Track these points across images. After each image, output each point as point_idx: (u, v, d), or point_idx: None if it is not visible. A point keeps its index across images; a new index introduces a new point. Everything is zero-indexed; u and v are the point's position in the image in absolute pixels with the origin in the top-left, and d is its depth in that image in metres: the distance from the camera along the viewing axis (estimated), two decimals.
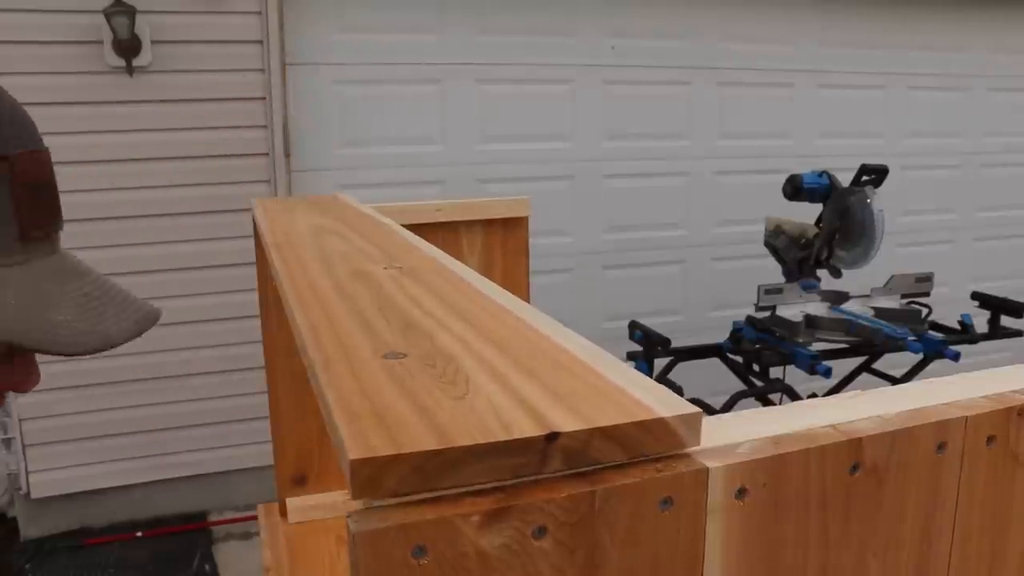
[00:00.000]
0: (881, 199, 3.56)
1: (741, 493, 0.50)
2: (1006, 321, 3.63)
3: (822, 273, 3.69)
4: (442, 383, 0.53)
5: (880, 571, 0.56)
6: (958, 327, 3.50)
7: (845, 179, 3.68)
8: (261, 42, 3.47)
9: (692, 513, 0.47)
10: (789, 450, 0.51)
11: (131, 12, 3.21)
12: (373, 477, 0.42)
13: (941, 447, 0.56)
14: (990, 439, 0.58)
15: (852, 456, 0.53)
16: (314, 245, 1.06)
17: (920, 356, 3.29)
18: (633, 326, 3.48)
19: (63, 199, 0.71)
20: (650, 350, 3.39)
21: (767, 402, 3.42)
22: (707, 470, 0.48)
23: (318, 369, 0.56)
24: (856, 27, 4.51)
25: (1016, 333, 3.62)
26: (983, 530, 0.60)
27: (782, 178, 3.71)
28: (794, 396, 3.38)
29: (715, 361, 3.62)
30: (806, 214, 3.74)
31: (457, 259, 0.97)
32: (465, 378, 0.54)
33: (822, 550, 0.53)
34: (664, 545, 0.47)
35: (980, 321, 3.61)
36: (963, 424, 0.57)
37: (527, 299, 1.78)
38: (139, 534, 3.61)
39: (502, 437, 0.44)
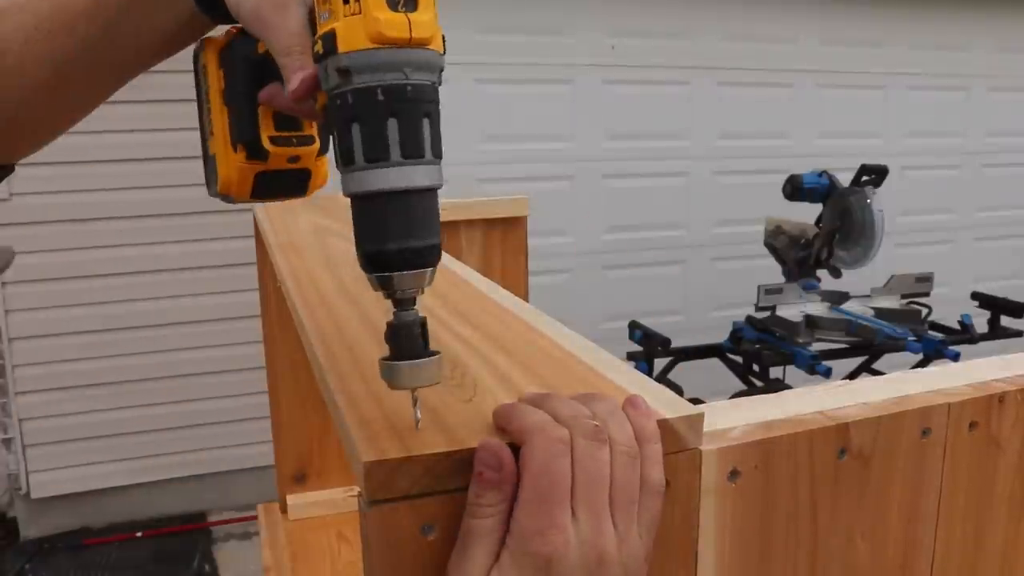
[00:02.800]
0: (881, 199, 3.56)
1: (734, 475, 0.52)
2: (1006, 321, 3.64)
3: (822, 273, 3.70)
4: (450, 386, 0.54)
5: (868, 552, 0.58)
6: (958, 327, 3.51)
7: (845, 179, 3.68)
8: None
9: (686, 494, 0.49)
10: (779, 434, 0.53)
11: None
12: (386, 479, 0.43)
13: (925, 433, 0.58)
14: (972, 425, 0.60)
15: (839, 441, 0.55)
16: (317, 247, 1.06)
17: (920, 356, 3.30)
18: (633, 326, 3.48)
19: (64, 199, 0.69)
20: (650, 350, 3.39)
21: None
22: (700, 453, 0.50)
23: (328, 375, 0.56)
24: (856, 26, 4.52)
25: (1016, 333, 3.62)
26: (966, 513, 0.62)
27: (782, 178, 3.71)
28: None
29: (715, 361, 3.62)
30: (806, 214, 3.75)
31: (456, 258, 0.98)
32: (472, 381, 0.55)
33: (812, 531, 0.56)
34: (660, 525, 0.48)
35: (980, 321, 3.62)
36: (946, 411, 0.59)
37: (526, 299, 1.78)
38: (139, 534, 3.61)
39: (509, 439, 0.45)
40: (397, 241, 0.45)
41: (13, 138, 0.62)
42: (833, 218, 3.62)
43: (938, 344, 3.28)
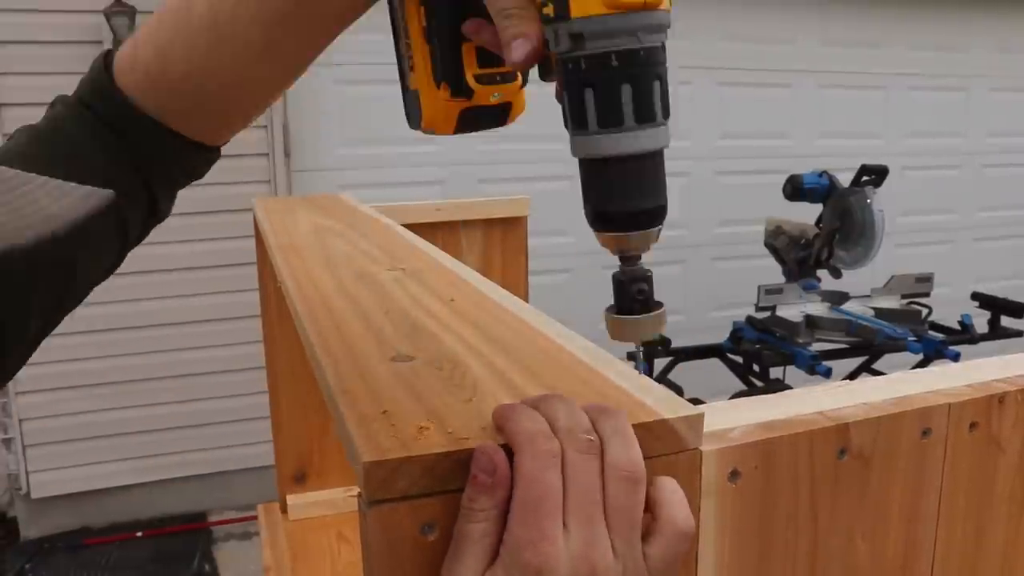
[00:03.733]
0: (881, 199, 3.56)
1: (734, 476, 0.52)
2: (1006, 321, 3.64)
3: (822, 273, 3.70)
4: (450, 386, 0.54)
5: (868, 553, 0.58)
6: (958, 327, 3.51)
7: (845, 179, 3.68)
8: None
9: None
10: (779, 435, 0.53)
11: (131, 12, 3.21)
12: (386, 479, 0.43)
13: (925, 433, 0.58)
14: (973, 425, 0.60)
15: (840, 441, 0.55)
16: (318, 247, 1.06)
17: (920, 356, 3.30)
18: None
19: None
20: (650, 350, 3.39)
21: None
22: (700, 453, 0.50)
23: (328, 375, 0.56)
24: (856, 26, 4.52)
25: (1016, 333, 3.62)
26: (967, 514, 0.62)
27: (782, 178, 3.71)
28: None
29: (715, 361, 3.62)
30: (806, 214, 3.75)
31: (456, 259, 0.98)
32: (472, 381, 0.55)
33: (812, 532, 0.55)
34: None
35: (980, 321, 3.62)
36: (946, 411, 0.59)
37: (526, 299, 1.78)
38: (139, 534, 3.61)
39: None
40: (628, 204, 0.46)
41: (227, 112, 0.60)
42: (833, 218, 3.62)
43: (938, 344, 3.28)
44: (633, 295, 0.49)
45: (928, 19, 4.64)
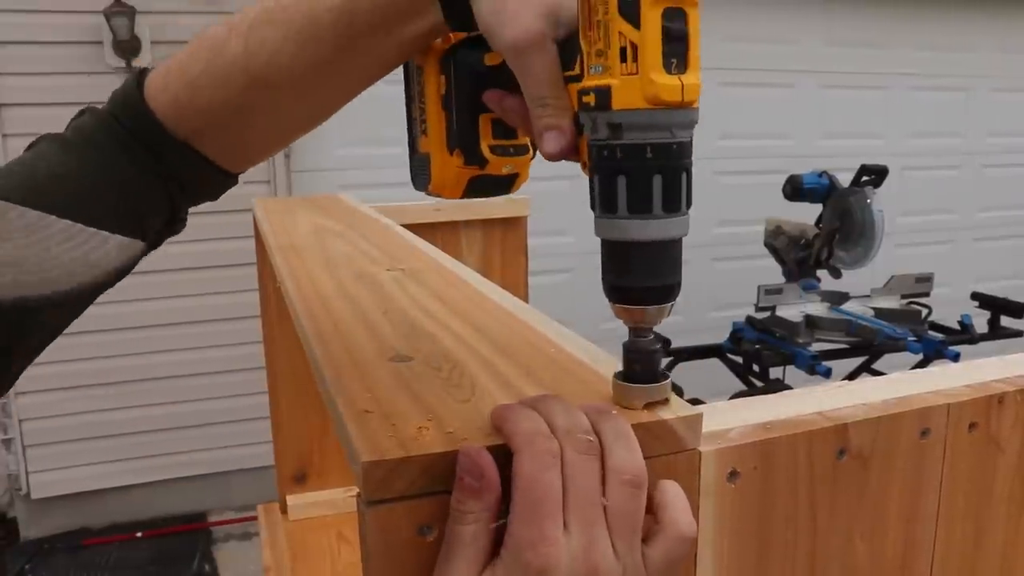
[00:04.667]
0: (881, 199, 3.56)
1: (733, 476, 0.52)
2: (1006, 321, 3.64)
3: (822, 273, 3.70)
4: (448, 386, 0.54)
5: (867, 554, 0.58)
6: (958, 327, 3.51)
7: (845, 179, 3.68)
8: None
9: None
10: (778, 435, 0.53)
11: (131, 12, 3.21)
12: (384, 479, 0.43)
13: (924, 433, 0.58)
14: (972, 426, 0.60)
15: (839, 442, 0.55)
16: (317, 247, 1.06)
17: (920, 356, 3.30)
18: None
19: None
20: None
21: None
22: (699, 454, 0.50)
23: (326, 375, 0.56)
24: (858, 27, 4.52)
25: (1016, 333, 3.62)
26: (966, 514, 0.62)
27: (782, 178, 3.71)
28: None
29: (715, 361, 3.62)
30: (806, 214, 3.75)
31: (456, 259, 0.98)
32: (471, 381, 0.55)
33: (811, 533, 0.55)
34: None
35: (980, 322, 3.61)
36: (945, 411, 0.59)
37: (526, 299, 1.78)
38: (139, 534, 3.61)
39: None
40: (646, 281, 0.49)
41: (250, 145, 0.62)
42: (833, 218, 3.62)
43: (938, 344, 3.28)
44: (642, 365, 0.51)
45: (930, 20, 4.64)
